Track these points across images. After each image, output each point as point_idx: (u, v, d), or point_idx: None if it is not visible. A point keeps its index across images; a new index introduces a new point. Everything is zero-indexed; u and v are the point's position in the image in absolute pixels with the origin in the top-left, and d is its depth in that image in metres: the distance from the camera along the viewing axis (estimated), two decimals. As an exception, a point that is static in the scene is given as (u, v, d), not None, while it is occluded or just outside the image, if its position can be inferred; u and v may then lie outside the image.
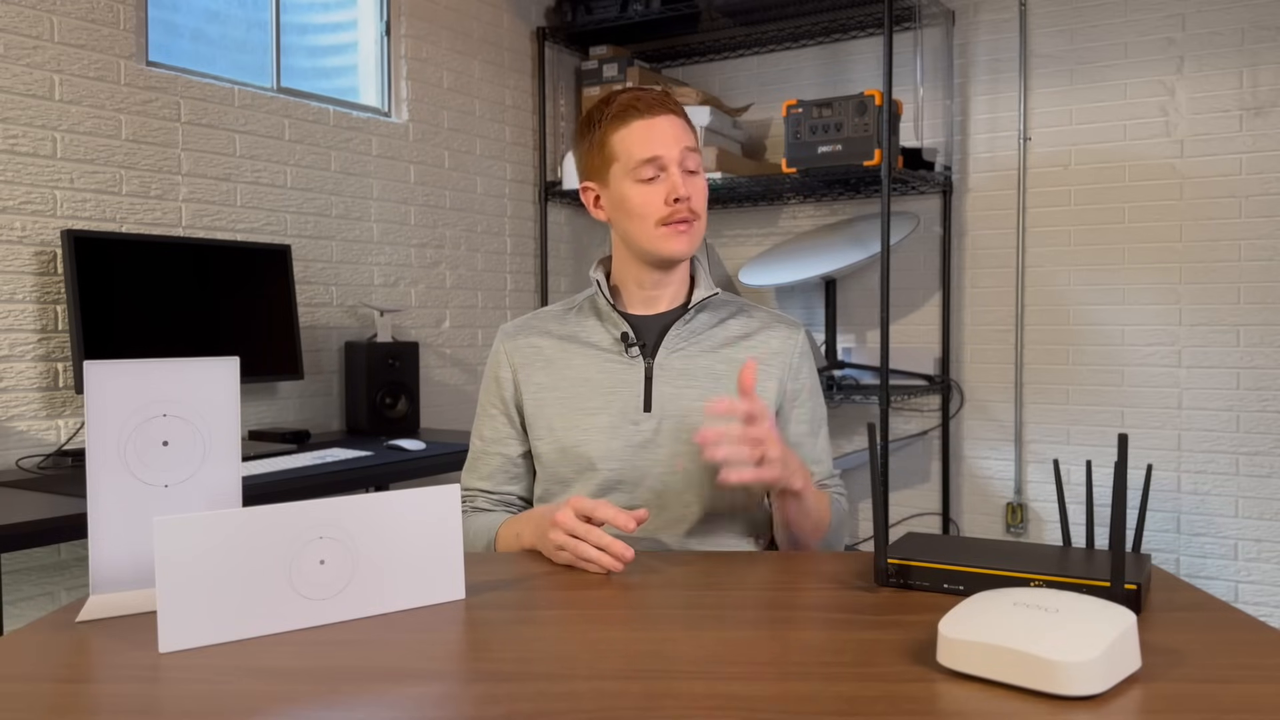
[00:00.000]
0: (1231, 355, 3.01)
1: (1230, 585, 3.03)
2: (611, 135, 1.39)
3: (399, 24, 3.08)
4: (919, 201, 3.46)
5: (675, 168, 1.36)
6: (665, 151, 1.36)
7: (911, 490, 3.51)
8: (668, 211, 1.36)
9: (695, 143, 1.40)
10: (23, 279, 2.19)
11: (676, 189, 1.35)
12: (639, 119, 1.37)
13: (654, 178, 1.36)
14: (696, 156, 1.39)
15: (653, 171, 1.36)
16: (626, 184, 1.37)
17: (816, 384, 1.48)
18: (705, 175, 1.46)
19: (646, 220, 1.36)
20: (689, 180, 1.37)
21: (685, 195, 1.35)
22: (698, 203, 1.38)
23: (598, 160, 1.41)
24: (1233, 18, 2.99)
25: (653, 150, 1.36)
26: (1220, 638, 0.88)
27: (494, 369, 1.46)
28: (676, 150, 1.36)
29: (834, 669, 0.81)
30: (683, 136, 1.38)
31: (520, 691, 0.77)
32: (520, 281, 3.54)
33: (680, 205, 1.35)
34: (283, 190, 2.72)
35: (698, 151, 1.40)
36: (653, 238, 1.37)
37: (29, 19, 2.19)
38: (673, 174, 1.36)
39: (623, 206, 1.38)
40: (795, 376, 1.44)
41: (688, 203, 1.36)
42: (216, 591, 0.90)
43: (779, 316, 1.48)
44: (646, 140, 1.36)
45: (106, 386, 0.97)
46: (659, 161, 1.36)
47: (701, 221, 1.39)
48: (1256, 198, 2.97)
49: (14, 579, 2.18)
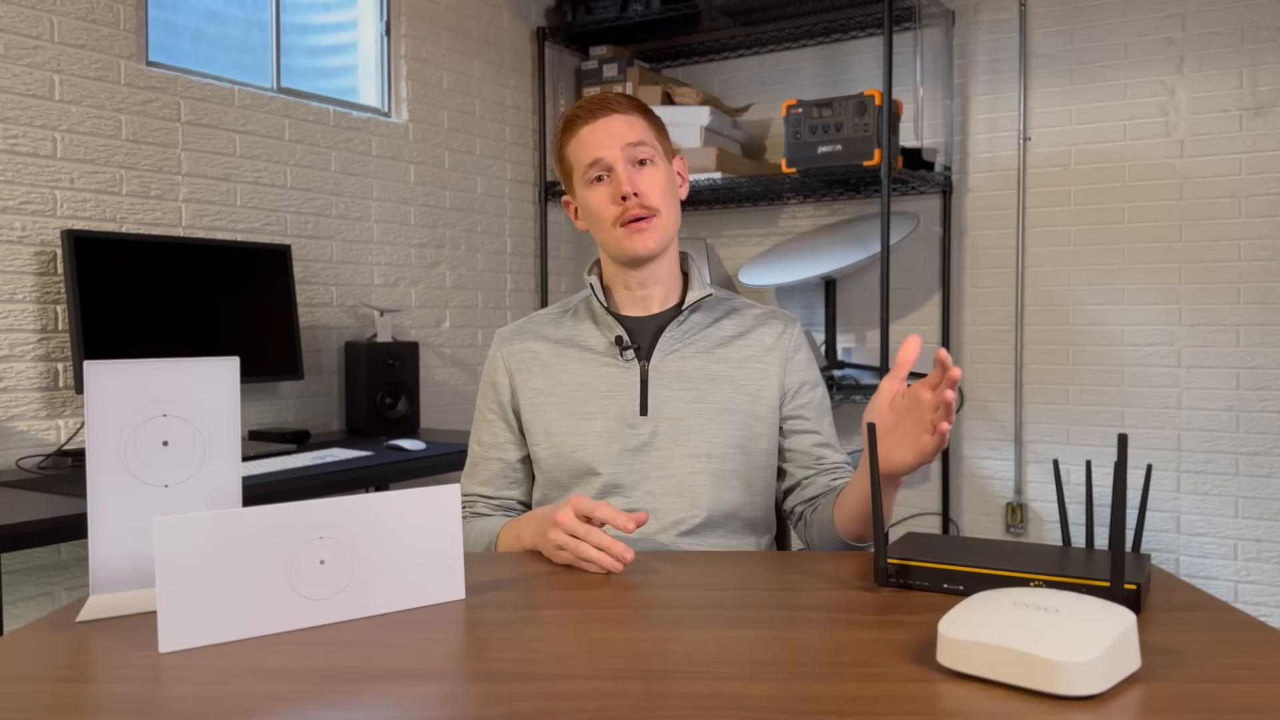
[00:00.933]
0: (1231, 355, 3.01)
1: (1230, 585, 3.03)
2: (565, 147, 1.42)
3: (399, 24, 3.08)
4: (919, 201, 3.46)
5: (621, 165, 1.36)
6: (604, 153, 1.36)
7: (911, 490, 3.51)
8: (619, 211, 1.36)
9: (645, 135, 1.39)
10: (23, 279, 2.19)
11: (620, 187, 1.35)
12: (583, 125, 1.39)
13: (600, 178, 1.38)
14: (646, 149, 1.38)
15: (598, 173, 1.38)
16: (584, 191, 1.40)
17: (816, 373, 1.48)
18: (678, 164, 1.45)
19: (604, 223, 1.38)
20: (639, 173, 1.37)
21: (629, 191, 1.34)
22: (652, 197, 1.36)
23: (563, 172, 1.45)
24: (1233, 18, 2.98)
25: (593, 153, 1.37)
26: (1220, 638, 0.88)
27: (490, 374, 1.47)
28: (615, 149, 1.36)
29: (834, 669, 0.81)
30: (624, 133, 1.37)
31: (520, 691, 0.77)
32: (520, 282, 3.54)
33: (629, 203, 1.35)
34: (283, 190, 2.72)
35: (647, 143, 1.38)
36: (614, 239, 1.38)
37: (29, 19, 2.19)
38: (617, 173, 1.36)
39: (587, 214, 1.41)
40: (793, 369, 1.44)
41: (637, 199, 1.35)
42: (216, 591, 0.90)
43: (772, 312, 1.48)
44: (589, 144, 1.38)
45: (106, 386, 0.97)
46: (601, 163, 1.37)
47: (663, 215, 1.37)
48: (1256, 198, 2.97)
49: (14, 579, 2.18)
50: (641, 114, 1.41)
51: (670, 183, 1.41)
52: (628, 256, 1.38)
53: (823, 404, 1.47)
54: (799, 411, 1.43)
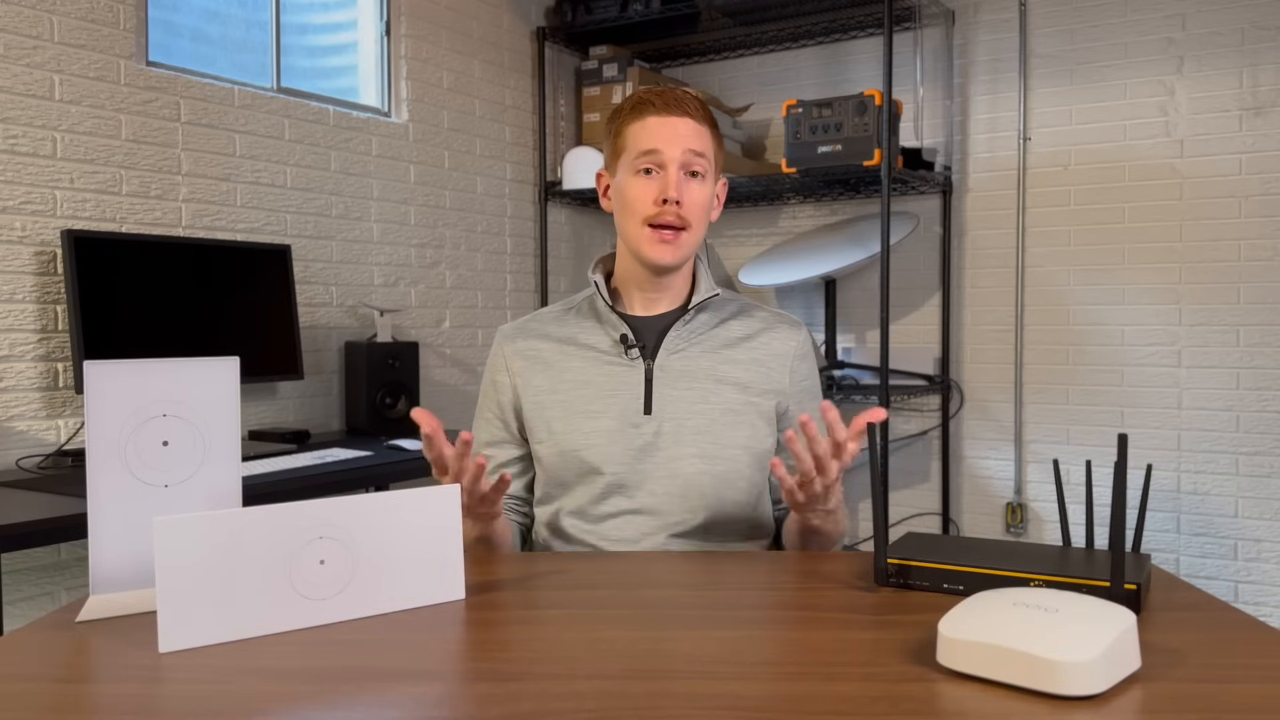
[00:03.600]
0: (1231, 355, 3.01)
1: (1230, 585, 3.03)
2: (626, 126, 1.39)
3: (399, 24, 3.08)
4: (919, 201, 3.46)
5: (674, 168, 1.35)
6: (665, 147, 1.35)
7: (911, 490, 3.51)
8: (655, 211, 1.35)
9: (707, 148, 1.38)
10: (23, 279, 2.19)
11: (667, 189, 1.34)
12: (654, 114, 1.37)
13: (649, 171, 1.36)
14: (704, 162, 1.37)
15: (649, 164, 1.36)
16: (627, 176, 1.38)
17: (817, 383, 1.48)
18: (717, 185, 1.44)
19: (636, 216, 1.36)
20: (687, 184, 1.36)
21: (675, 197, 1.33)
22: (691, 210, 1.35)
23: (611, 149, 1.42)
24: (1233, 18, 2.98)
25: (654, 143, 1.35)
26: (1220, 638, 0.88)
27: (493, 372, 1.46)
28: (678, 149, 1.35)
29: (834, 669, 0.81)
30: (691, 139, 1.36)
31: (520, 691, 0.77)
32: (520, 281, 3.54)
33: (668, 207, 1.34)
34: (283, 190, 2.72)
35: (706, 157, 1.38)
36: (639, 237, 1.36)
37: (29, 19, 2.19)
38: (669, 173, 1.35)
39: (620, 198, 1.39)
40: (796, 378, 1.44)
41: (676, 207, 1.34)
42: (216, 591, 0.90)
43: (780, 316, 1.47)
44: (654, 133, 1.36)
45: (106, 386, 0.97)
46: (657, 156, 1.35)
47: (692, 232, 1.37)
48: (1256, 198, 2.97)
49: (14, 579, 2.18)
50: (710, 126, 1.40)
51: (709, 202, 1.40)
52: (645, 259, 1.37)
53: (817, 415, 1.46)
54: (795, 420, 1.44)
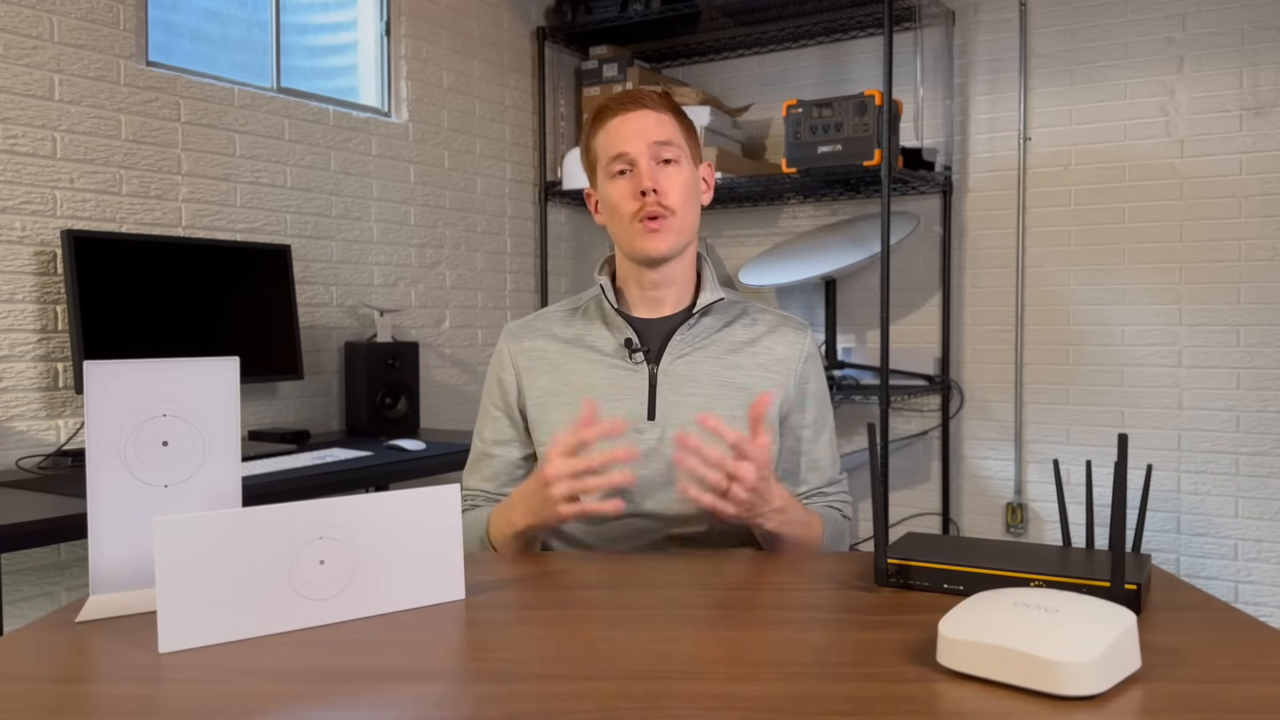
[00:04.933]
0: (1231, 355, 3.01)
1: (1230, 585, 3.03)
2: (593, 139, 1.42)
3: (399, 24, 3.08)
4: (919, 201, 3.46)
5: (644, 160, 1.35)
6: (629, 147, 1.36)
7: (911, 490, 3.51)
8: (637, 206, 1.35)
9: (673, 134, 1.38)
10: (23, 279, 2.19)
11: (641, 182, 1.35)
12: (612, 117, 1.39)
13: (623, 172, 1.37)
14: (673, 148, 1.37)
15: (621, 167, 1.37)
16: (605, 183, 1.40)
17: (823, 387, 1.47)
18: (704, 169, 1.45)
19: (622, 218, 1.37)
20: (662, 171, 1.36)
21: (649, 186, 1.34)
22: (673, 197, 1.36)
23: (588, 164, 1.44)
24: (1233, 18, 2.98)
25: (619, 147, 1.37)
26: (1220, 638, 0.88)
27: (497, 370, 1.46)
28: (642, 143, 1.36)
29: (834, 669, 0.81)
30: (653, 130, 1.37)
31: (520, 691, 0.77)
32: (520, 281, 3.54)
33: (647, 198, 1.34)
34: (283, 190, 2.72)
35: (674, 144, 1.38)
36: (629, 235, 1.37)
37: (29, 19, 2.19)
38: (640, 168, 1.35)
39: (606, 206, 1.40)
40: (800, 381, 1.43)
41: (655, 196, 1.34)
42: (216, 591, 0.90)
43: (785, 319, 1.46)
44: (616, 137, 1.37)
45: (106, 386, 0.97)
46: (625, 157, 1.37)
47: (680, 217, 1.37)
48: (1256, 198, 2.97)
49: (14, 579, 2.18)
50: (673, 114, 1.40)
51: (693, 186, 1.40)
52: (640, 255, 1.37)
53: (821, 419, 1.45)
54: (795, 431, 1.43)
